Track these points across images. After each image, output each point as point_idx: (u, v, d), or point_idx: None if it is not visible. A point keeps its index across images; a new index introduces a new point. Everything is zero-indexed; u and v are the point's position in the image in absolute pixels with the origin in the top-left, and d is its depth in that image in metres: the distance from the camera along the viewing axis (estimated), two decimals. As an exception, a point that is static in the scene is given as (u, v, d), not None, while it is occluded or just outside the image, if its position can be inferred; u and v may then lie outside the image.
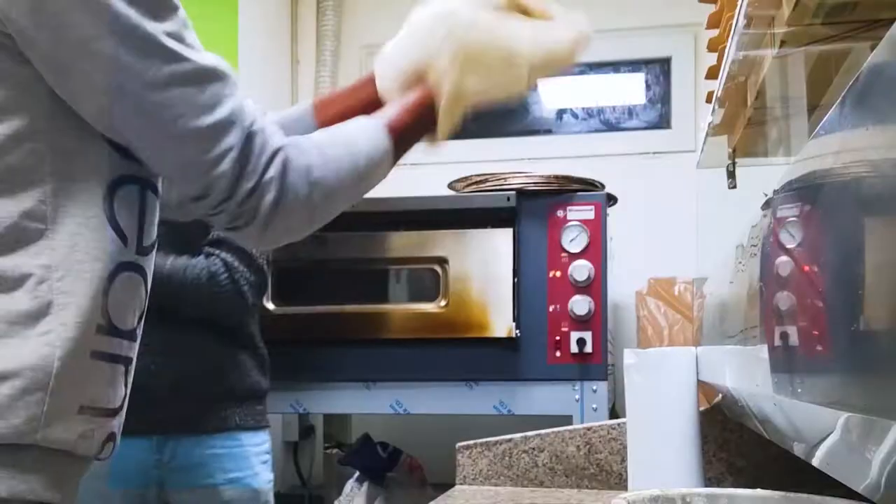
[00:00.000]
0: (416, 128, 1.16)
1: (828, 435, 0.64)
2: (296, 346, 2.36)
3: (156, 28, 0.93)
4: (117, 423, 1.04)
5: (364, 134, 1.10)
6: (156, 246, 1.08)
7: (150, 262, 1.07)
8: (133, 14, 0.91)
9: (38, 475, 0.94)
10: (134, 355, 1.06)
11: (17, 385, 0.90)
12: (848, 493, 0.73)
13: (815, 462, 0.72)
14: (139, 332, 1.07)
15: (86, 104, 0.94)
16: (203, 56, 0.98)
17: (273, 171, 1.00)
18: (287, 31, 3.46)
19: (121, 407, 1.04)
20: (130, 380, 1.06)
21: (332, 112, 1.21)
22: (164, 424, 1.86)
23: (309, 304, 2.40)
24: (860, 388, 0.56)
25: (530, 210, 2.39)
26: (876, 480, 0.53)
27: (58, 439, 0.94)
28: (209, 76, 0.97)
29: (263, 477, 1.95)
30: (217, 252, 1.91)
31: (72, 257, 0.95)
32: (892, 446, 0.49)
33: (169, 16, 0.95)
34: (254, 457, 1.94)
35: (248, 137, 0.98)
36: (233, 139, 0.97)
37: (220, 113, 0.97)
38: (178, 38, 0.95)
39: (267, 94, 3.31)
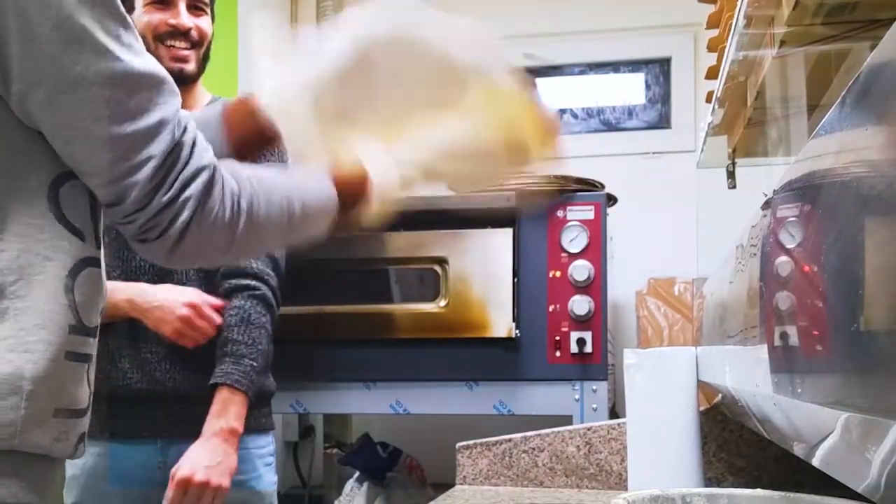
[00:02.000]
0: (354, 197, 1.10)
1: (828, 435, 0.64)
2: (296, 346, 2.36)
3: (92, 21, 0.89)
4: (86, 423, 1.02)
5: (308, 184, 1.06)
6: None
7: (102, 255, 1.04)
8: (72, 3, 0.88)
9: (17, 479, 0.93)
10: (95, 353, 1.03)
11: None
12: (848, 493, 0.73)
13: (815, 462, 0.72)
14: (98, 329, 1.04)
15: (8, 87, 0.90)
16: (139, 59, 0.93)
17: (193, 189, 0.95)
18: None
19: (88, 406, 1.02)
20: (93, 378, 1.04)
21: (240, 128, 1.14)
22: (170, 429, 1.85)
23: (308, 304, 2.40)
24: (860, 388, 0.56)
25: (530, 210, 2.39)
26: (876, 480, 0.53)
27: (35, 444, 0.93)
28: (139, 82, 0.92)
29: (267, 479, 1.95)
30: (261, 287, 1.91)
31: (22, 259, 0.92)
32: (892, 446, 0.49)
33: (108, 7, 0.91)
34: (258, 459, 1.93)
35: (174, 149, 0.94)
36: (154, 149, 0.93)
37: (144, 121, 0.92)
38: (115, 35, 0.91)
39: (267, 94, 3.30)
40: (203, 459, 1.73)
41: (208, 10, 1.95)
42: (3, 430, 0.90)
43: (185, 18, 1.87)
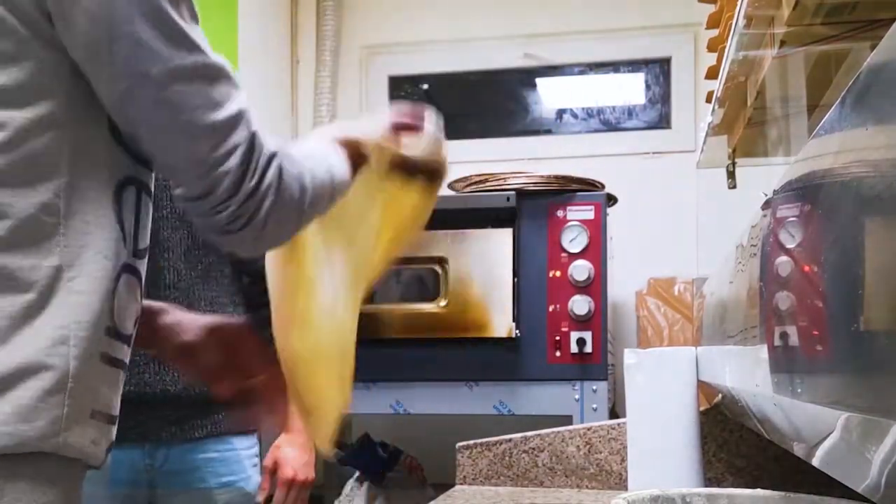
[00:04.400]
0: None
1: (828, 435, 0.64)
2: (296, 346, 2.36)
3: (181, 20, 0.94)
4: (114, 432, 1.04)
5: (335, 157, 1.12)
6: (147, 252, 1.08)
7: (144, 267, 1.07)
8: (164, 2, 0.92)
9: (55, 488, 0.94)
10: (128, 361, 1.05)
11: (38, 386, 0.90)
12: (848, 493, 0.73)
13: (815, 462, 0.72)
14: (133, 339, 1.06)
15: (108, 87, 0.94)
16: (212, 52, 0.98)
17: (272, 174, 1.00)
18: (287, 31, 3.46)
19: (118, 415, 1.03)
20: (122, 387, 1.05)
21: None
22: (157, 431, 1.85)
23: (309, 304, 2.40)
24: (860, 388, 0.56)
25: (530, 210, 2.39)
26: (876, 480, 0.53)
27: (75, 445, 0.94)
28: (221, 73, 0.97)
29: (255, 480, 1.95)
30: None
31: (84, 256, 0.95)
32: (892, 446, 0.49)
33: (190, 12, 0.96)
34: (246, 460, 1.93)
35: (252, 137, 0.98)
36: (239, 137, 0.97)
37: (229, 109, 0.97)
38: (196, 32, 0.96)
39: (267, 94, 3.31)
40: (299, 457, 1.90)
41: None
42: (50, 428, 0.91)
43: None
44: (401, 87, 3.52)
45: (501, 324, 2.35)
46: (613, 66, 3.39)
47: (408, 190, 1.24)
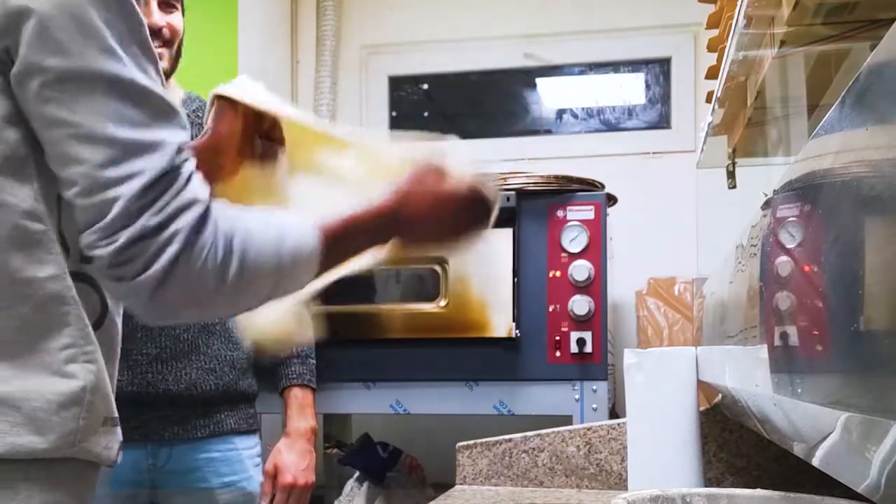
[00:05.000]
0: (358, 239, 1.07)
1: (828, 435, 0.64)
2: (296, 346, 2.36)
3: (103, 23, 0.87)
4: (120, 431, 1.04)
5: (296, 230, 0.98)
6: None
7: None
8: (98, 13, 0.87)
9: (67, 487, 0.94)
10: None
11: (53, 400, 0.90)
12: (848, 493, 0.73)
13: (815, 462, 0.72)
14: None
15: (9, 73, 0.88)
16: (152, 82, 0.90)
17: (185, 221, 0.87)
18: (287, 31, 3.46)
19: (118, 415, 1.04)
20: None
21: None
22: (160, 431, 1.85)
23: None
24: (860, 388, 0.56)
25: (530, 210, 2.39)
26: (876, 480, 0.53)
27: (89, 452, 0.95)
28: (151, 99, 0.89)
29: (257, 479, 1.95)
30: None
31: (67, 262, 0.93)
32: (892, 446, 0.49)
33: (130, 30, 0.89)
34: (248, 460, 1.94)
35: (169, 172, 0.88)
36: (148, 163, 0.87)
37: (142, 134, 0.87)
38: (128, 48, 0.89)
39: (267, 94, 3.30)
40: (298, 462, 1.93)
41: (179, 6, 1.91)
42: (66, 440, 0.91)
43: (156, 17, 1.84)
44: (401, 87, 3.52)
45: (501, 324, 2.35)
46: (613, 66, 3.39)
47: None
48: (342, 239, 1.03)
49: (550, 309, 2.35)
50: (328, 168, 1.20)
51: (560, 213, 2.37)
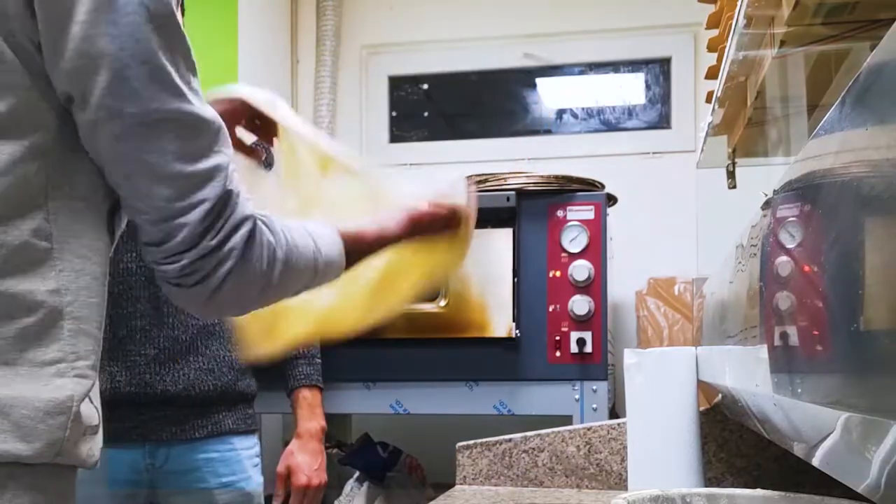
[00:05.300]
0: (367, 254, 1.18)
1: (828, 435, 0.64)
2: (296, 346, 2.36)
3: (172, 66, 0.93)
4: (101, 437, 1.05)
5: (329, 238, 1.10)
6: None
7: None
8: (155, 42, 0.91)
9: (52, 489, 0.95)
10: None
11: (41, 409, 0.91)
12: (848, 493, 0.73)
13: (815, 462, 0.72)
14: None
15: (82, 117, 0.93)
16: (205, 107, 0.97)
17: (238, 239, 0.98)
18: (287, 31, 3.46)
19: (100, 420, 1.04)
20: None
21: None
22: (158, 432, 1.85)
23: (309, 304, 2.40)
24: (860, 388, 0.56)
25: (530, 210, 2.39)
26: (876, 480, 0.53)
27: (74, 458, 0.96)
28: (205, 126, 0.96)
29: (256, 480, 1.95)
30: None
31: (81, 280, 0.95)
32: (892, 446, 0.49)
33: (184, 56, 0.95)
34: (246, 460, 1.94)
35: (224, 196, 0.97)
36: (209, 192, 0.96)
37: (204, 164, 0.95)
38: (187, 81, 0.95)
39: (267, 94, 3.30)
40: (311, 463, 1.96)
41: (179, 6, 1.91)
42: (50, 449, 0.92)
43: None
44: (401, 87, 3.52)
45: (501, 324, 2.35)
46: (613, 66, 3.39)
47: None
48: (357, 251, 1.15)
49: (550, 309, 2.35)
50: (331, 194, 1.27)
51: (560, 213, 2.38)
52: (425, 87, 3.56)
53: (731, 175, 1.74)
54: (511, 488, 1.73)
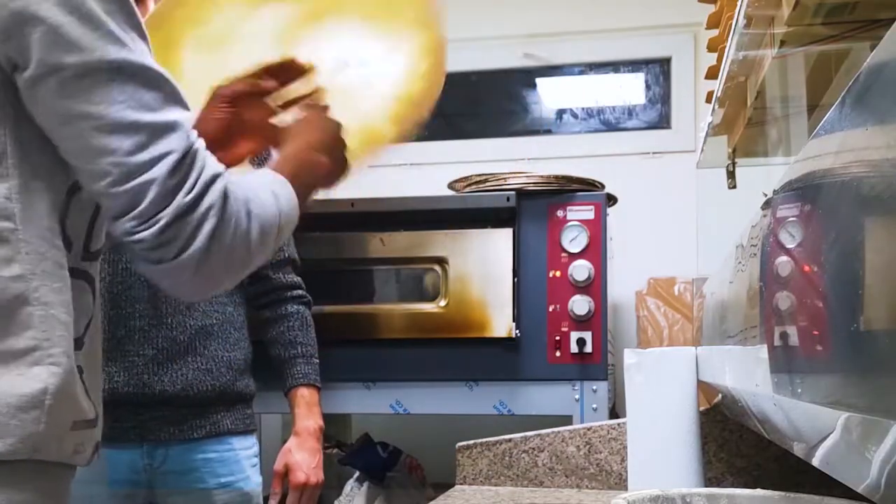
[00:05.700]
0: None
1: (828, 435, 0.64)
2: (296, 346, 2.36)
3: (105, 13, 0.87)
4: (100, 432, 1.02)
5: (276, 182, 1.02)
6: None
7: (97, 269, 1.02)
8: (98, 4, 0.87)
9: (35, 486, 0.92)
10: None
11: (12, 403, 0.88)
12: (848, 493, 0.73)
13: (815, 462, 0.72)
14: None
15: (22, 73, 0.87)
16: (154, 63, 0.91)
17: (214, 195, 0.90)
18: (287, 31, 3.45)
19: (98, 416, 1.01)
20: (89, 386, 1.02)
21: None
22: (156, 432, 1.85)
23: (309, 304, 2.40)
24: (860, 388, 0.56)
25: (530, 210, 2.39)
26: (876, 480, 0.53)
27: (57, 454, 0.93)
28: (157, 78, 0.90)
29: (254, 480, 1.96)
30: (306, 294, 2.09)
31: (43, 265, 0.90)
32: (892, 446, 0.49)
33: (124, 13, 0.89)
34: (245, 460, 1.94)
35: (191, 150, 0.90)
36: (174, 143, 0.88)
37: (161, 116, 0.88)
38: (127, 32, 0.89)
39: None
40: (309, 461, 1.95)
41: None
42: (24, 443, 0.88)
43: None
44: (401, 87, 3.51)
45: (501, 324, 2.35)
46: (613, 66, 3.39)
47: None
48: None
49: (550, 309, 2.35)
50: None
51: (560, 213, 2.38)
52: (425, 87, 3.55)
53: (731, 175, 1.74)
54: (511, 488, 1.73)
